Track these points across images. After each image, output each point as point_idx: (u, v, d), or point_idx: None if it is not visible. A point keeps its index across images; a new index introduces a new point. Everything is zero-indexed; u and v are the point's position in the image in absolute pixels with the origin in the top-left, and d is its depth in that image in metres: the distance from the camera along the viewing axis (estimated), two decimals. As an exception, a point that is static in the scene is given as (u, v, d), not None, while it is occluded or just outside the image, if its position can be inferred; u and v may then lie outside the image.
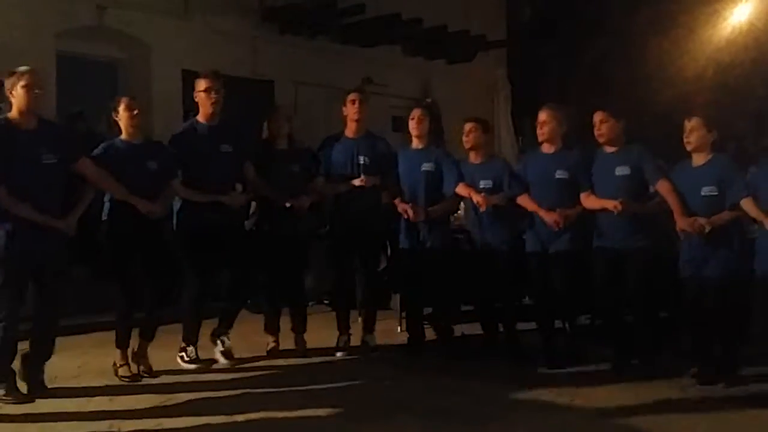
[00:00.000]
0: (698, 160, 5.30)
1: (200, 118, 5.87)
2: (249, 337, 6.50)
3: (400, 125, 10.67)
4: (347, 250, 6.31)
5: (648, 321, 5.60)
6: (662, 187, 5.37)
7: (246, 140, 6.02)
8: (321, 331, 6.58)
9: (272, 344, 6.30)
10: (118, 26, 8.76)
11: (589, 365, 5.78)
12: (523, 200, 5.83)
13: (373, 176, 6.16)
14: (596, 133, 5.61)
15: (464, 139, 6.12)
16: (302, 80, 10.13)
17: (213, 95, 5.76)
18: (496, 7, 13.30)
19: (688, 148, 5.30)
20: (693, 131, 5.25)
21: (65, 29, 8.34)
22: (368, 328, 6.39)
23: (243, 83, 9.43)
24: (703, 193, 5.20)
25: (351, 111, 6.25)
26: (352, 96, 6.26)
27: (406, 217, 6.04)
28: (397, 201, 6.11)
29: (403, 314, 6.97)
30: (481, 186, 5.99)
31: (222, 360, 5.90)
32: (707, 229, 5.10)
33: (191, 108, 7.59)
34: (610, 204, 5.41)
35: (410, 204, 6.03)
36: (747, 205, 5.08)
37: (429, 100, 6.42)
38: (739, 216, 5.15)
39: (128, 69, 9.11)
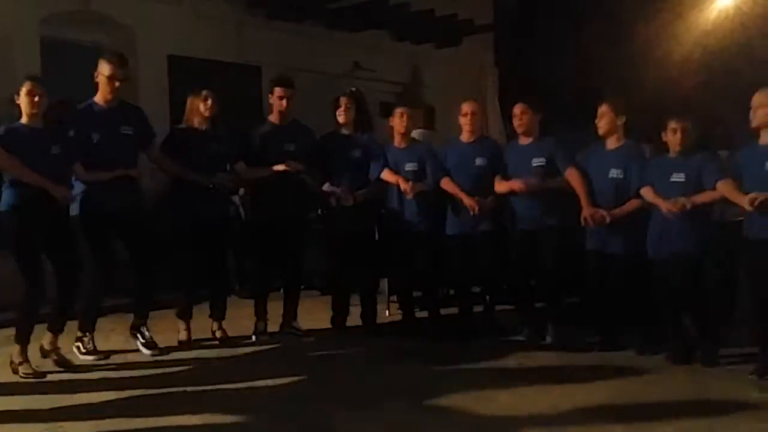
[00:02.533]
0: (610, 144, 5.69)
1: (98, 99, 5.69)
2: (238, 321, 6.51)
3: (388, 111, 10.70)
4: (269, 236, 6.23)
5: (559, 299, 6.02)
6: (571, 174, 5.75)
7: (146, 121, 5.89)
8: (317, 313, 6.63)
9: (184, 332, 6.12)
10: (104, 11, 8.68)
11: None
12: (445, 183, 6.15)
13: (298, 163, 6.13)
14: (516, 123, 6.01)
15: (397, 122, 6.37)
16: (290, 65, 10.01)
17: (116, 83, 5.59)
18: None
19: (600, 132, 5.69)
20: (603, 116, 5.64)
21: (50, 14, 8.25)
22: (291, 313, 6.33)
23: (230, 68, 9.40)
24: (610, 176, 5.58)
25: (276, 105, 6.23)
26: (278, 92, 6.20)
27: (333, 200, 6.18)
28: (325, 186, 6.23)
29: (391, 298, 7.05)
30: (407, 168, 6.26)
31: (145, 351, 5.78)
32: (608, 220, 5.51)
33: (177, 94, 7.60)
34: (514, 185, 5.85)
35: (339, 186, 6.17)
36: (646, 193, 5.43)
37: (354, 89, 6.54)
38: (641, 205, 5.50)
39: (114, 54, 9.03)
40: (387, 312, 7.06)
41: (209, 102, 5.98)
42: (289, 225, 6.23)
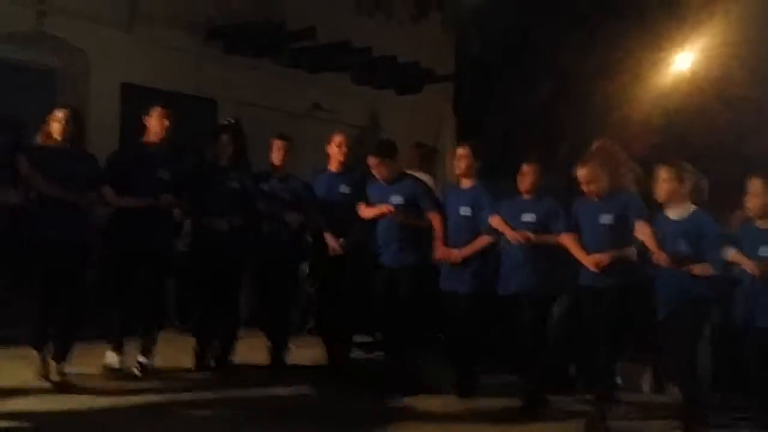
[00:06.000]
0: (464, 184, 6.06)
1: None
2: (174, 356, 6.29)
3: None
4: (133, 268, 5.90)
5: (413, 337, 6.19)
6: (433, 217, 6.04)
7: (20, 132, 5.58)
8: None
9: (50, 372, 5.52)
10: (58, 34, 8.48)
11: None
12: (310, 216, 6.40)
13: (172, 194, 5.88)
14: (374, 172, 6.19)
15: (274, 154, 6.44)
16: (246, 101, 9.95)
17: None
18: (446, 40, 13.36)
19: (457, 172, 6.09)
20: (463, 158, 6.00)
21: (1, 34, 8.03)
22: (144, 349, 5.99)
23: (185, 100, 9.21)
24: (461, 213, 5.92)
25: (155, 125, 5.95)
26: (159, 111, 5.94)
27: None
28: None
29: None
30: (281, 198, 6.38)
31: None
32: (459, 260, 5.83)
33: (128, 121, 7.38)
34: (383, 209, 6.06)
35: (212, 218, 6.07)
36: (494, 221, 5.76)
37: (232, 120, 6.50)
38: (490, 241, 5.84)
39: (66, 78, 8.81)
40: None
41: (62, 123, 5.48)
42: (150, 257, 5.90)
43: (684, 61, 11.09)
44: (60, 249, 5.43)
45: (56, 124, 5.50)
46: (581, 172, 5.32)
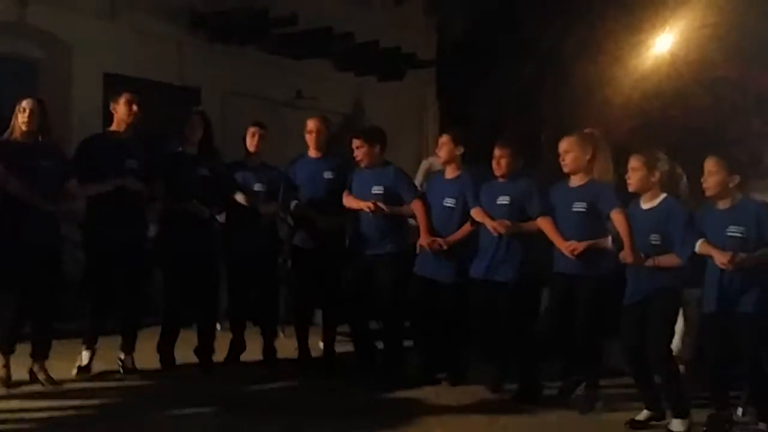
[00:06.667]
0: (449, 173, 6.01)
1: None
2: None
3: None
4: (108, 264, 5.81)
5: (393, 328, 6.17)
6: (415, 205, 6.02)
7: None
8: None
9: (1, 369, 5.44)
10: (40, 24, 8.45)
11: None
12: (296, 206, 6.39)
13: (142, 181, 5.81)
14: (355, 155, 6.18)
15: (248, 140, 6.44)
16: (230, 90, 9.96)
17: None
18: (427, 25, 13.37)
19: (441, 161, 6.09)
20: (444, 145, 5.97)
21: (-18, 25, 8.01)
22: (125, 347, 5.97)
23: (168, 89, 9.22)
24: (445, 204, 5.91)
25: (123, 112, 5.84)
26: (126, 96, 5.84)
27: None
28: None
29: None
30: (256, 189, 6.39)
31: None
32: (445, 247, 5.82)
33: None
34: (363, 204, 6.01)
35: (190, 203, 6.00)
36: (475, 212, 5.74)
37: (200, 108, 6.43)
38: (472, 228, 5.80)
39: (48, 69, 8.79)
40: (321, 344, 6.94)
41: (27, 113, 5.35)
42: (128, 249, 5.81)
43: (663, 43, 11.15)
44: (33, 248, 5.34)
45: (22, 116, 5.37)
46: (562, 144, 5.37)
